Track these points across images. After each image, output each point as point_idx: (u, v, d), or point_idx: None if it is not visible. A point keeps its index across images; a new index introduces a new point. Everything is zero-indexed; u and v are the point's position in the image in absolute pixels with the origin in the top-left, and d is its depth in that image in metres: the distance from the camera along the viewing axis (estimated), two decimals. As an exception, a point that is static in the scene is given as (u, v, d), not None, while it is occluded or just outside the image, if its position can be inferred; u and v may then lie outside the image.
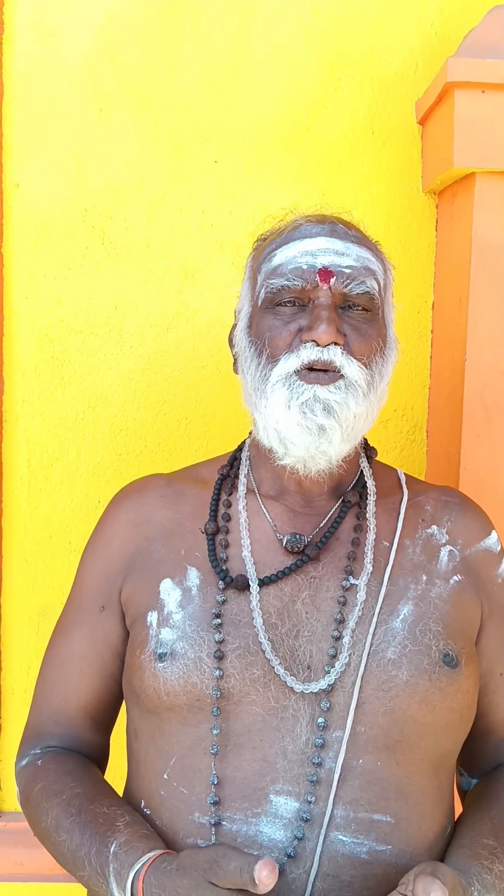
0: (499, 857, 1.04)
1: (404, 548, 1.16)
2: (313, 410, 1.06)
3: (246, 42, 1.62)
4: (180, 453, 1.67)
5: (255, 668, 1.06)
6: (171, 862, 0.97)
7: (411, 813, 1.06)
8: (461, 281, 1.52)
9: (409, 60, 1.62)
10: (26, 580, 1.69)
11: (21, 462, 1.67)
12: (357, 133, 1.64)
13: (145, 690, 1.09)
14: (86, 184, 1.63)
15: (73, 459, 1.68)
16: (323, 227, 1.12)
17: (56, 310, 1.65)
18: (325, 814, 1.02)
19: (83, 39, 1.61)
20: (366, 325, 1.10)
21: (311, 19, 1.62)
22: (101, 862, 1.01)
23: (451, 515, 1.21)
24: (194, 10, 1.61)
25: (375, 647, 1.08)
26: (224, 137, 1.63)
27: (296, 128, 1.63)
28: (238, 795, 1.04)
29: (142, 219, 1.64)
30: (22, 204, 1.63)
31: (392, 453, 1.69)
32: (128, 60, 1.62)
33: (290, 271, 1.09)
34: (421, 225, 1.66)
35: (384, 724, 1.05)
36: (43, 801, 1.11)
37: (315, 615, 1.10)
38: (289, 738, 1.05)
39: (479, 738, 1.20)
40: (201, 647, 1.07)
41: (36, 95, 1.62)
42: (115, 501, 1.25)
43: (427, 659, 1.07)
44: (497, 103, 1.43)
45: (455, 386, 1.54)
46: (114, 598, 1.18)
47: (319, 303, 1.08)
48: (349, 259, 1.09)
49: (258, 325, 1.12)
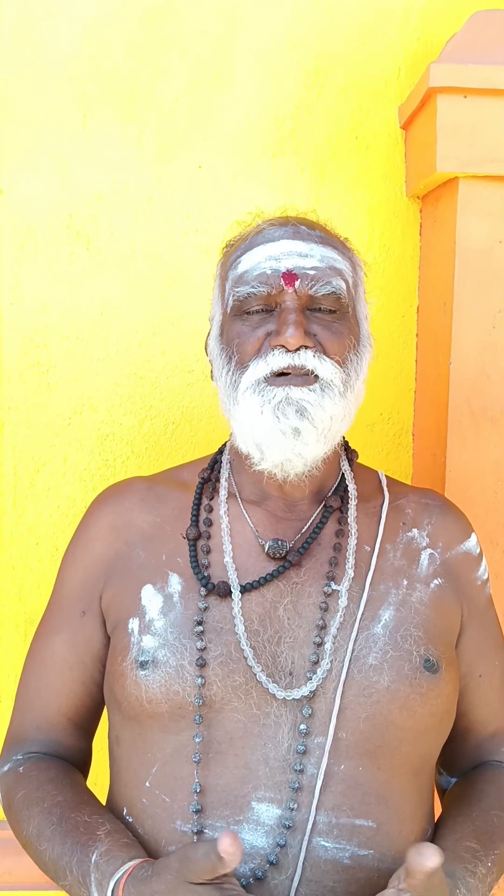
0: (481, 860, 1.05)
1: (385, 552, 1.16)
2: (286, 413, 1.05)
3: (230, 48, 1.63)
4: (167, 458, 1.67)
5: (237, 675, 1.06)
6: (148, 869, 0.96)
7: (392, 817, 1.06)
8: (445, 284, 1.52)
9: (391, 66, 1.63)
10: (13, 587, 1.68)
11: (7, 468, 1.67)
12: (341, 138, 1.64)
13: (127, 698, 1.08)
14: (71, 189, 1.63)
15: (60, 465, 1.68)
16: (285, 230, 1.11)
17: (41, 315, 1.65)
18: (308, 820, 1.02)
19: (67, 45, 1.61)
20: (336, 324, 1.10)
21: (294, 25, 1.62)
22: (82, 871, 1.01)
23: (431, 518, 1.21)
24: (179, 15, 1.62)
25: (357, 652, 1.07)
26: (209, 143, 1.63)
27: (280, 133, 1.64)
28: (220, 803, 1.04)
29: (127, 224, 1.64)
30: (7, 210, 1.63)
31: (378, 457, 1.69)
32: (112, 66, 1.62)
33: (254, 278, 1.09)
34: (405, 229, 1.67)
35: (365, 729, 1.05)
36: (24, 809, 1.11)
37: (297, 621, 1.09)
38: (271, 745, 1.04)
39: (458, 739, 1.21)
40: (183, 655, 1.07)
41: (20, 101, 1.62)
42: (94, 505, 1.24)
43: (408, 665, 1.07)
44: (479, 108, 1.44)
45: (440, 389, 1.54)
46: (94, 602, 1.18)
47: (286, 307, 1.07)
48: (313, 260, 1.09)
49: (228, 332, 1.12)
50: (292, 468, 1.09)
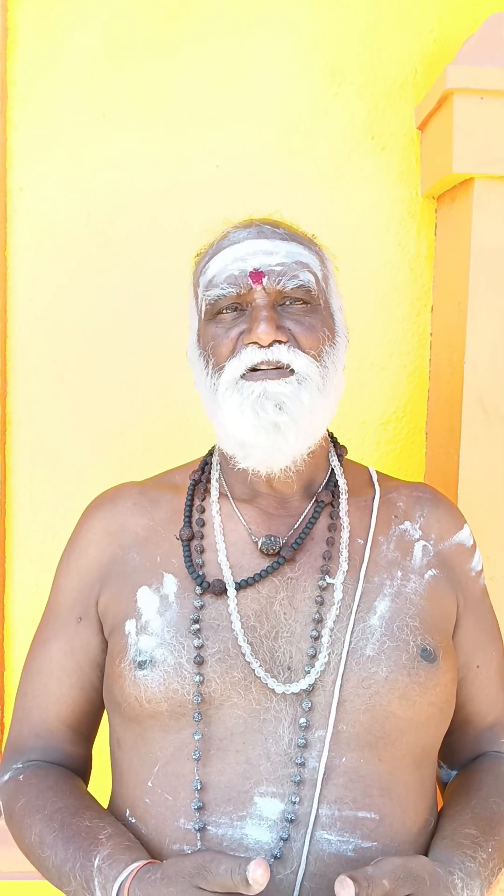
0: (481, 845, 1.05)
1: (378, 545, 1.16)
2: (265, 409, 1.06)
3: (248, 48, 1.64)
4: (181, 455, 1.68)
5: (236, 671, 1.06)
6: (155, 871, 0.96)
7: (395, 808, 1.06)
8: (460, 284, 1.53)
9: (408, 67, 1.64)
10: (30, 581, 1.70)
11: (24, 464, 1.68)
12: (357, 138, 1.65)
13: (126, 699, 1.08)
14: (88, 188, 1.65)
15: (76, 462, 1.69)
16: (249, 231, 1.13)
17: (58, 313, 1.67)
18: (311, 814, 1.02)
19: (86, 45, 1.63)
20: (308, 318, 1.10)
21: (311, 26, 1.63)
22: (85, 876, 1.00)
23: (423, 511, 1.22)
24: (197, 16, 1.63)
25: (354, 644, 1.08)
26: (225, 142, 1.65)
27: (296, 133, 1.65)
28: (222, 799, 1.04)
29: (144, 223, 1.65)
30: (25, 208, 1.65)
31: (391, 455, 1.70)
32: (130, 66, 1.63)
33: (223, 280, 1.10)
34: (420, 229, 1.68)
35: (365, 721, 1.05)
36: (26, 818, 1.10)
37: (293, 616, 1.10)
38: (271, 740, 1.04)
39: (457, 730, 1.21)
40: (181, 653, 1.07)
41: (39, 100, 1.63)
42: (88, 511, 1.25)
43: (405, 654, 1.07)
44: (495, 109, 1.45)
45: (454, 388, 1.55)
46: (91, 608, 1.18)
47: (256, 304, 1.08)
48: (279, 256, 1.10)
49: (204, 336, 1.13)
50: (275, 463, 1.09)
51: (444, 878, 0.98)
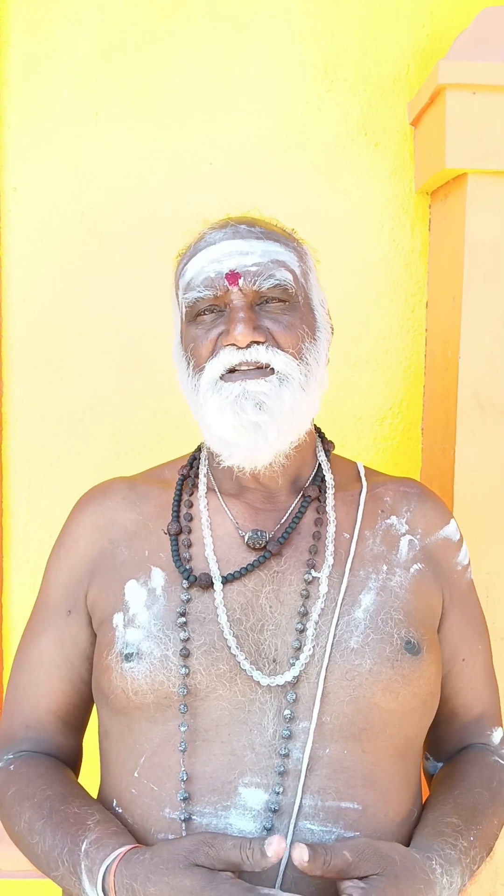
0: (463, 834, 1.06)
1: (364, 539, 1.17)
2: (244, 409, 1.07)
3: (241, 45, 1.64)
4: (179, 452, 1.68)
5: (221, 663, 1.07)
6: (143, 853, 0.98)
7: (378, 799, 1.07)
8: (454, 280, 1.53)
9: (401, 62, 1.64)
10: (27, 579, 1.70)
11: (21, 462, 1.69)
12: (350, 134, 1.66)
13: (113, 691, 1.10)
14: (83, 186, 1.65)
15: (73, 460, 1.69)
16: (225, 231, 1.14)
17: (55, 311, 1.67)
18: (294, 804, 1.03)
19: (80, 44, 1.63)
20: (287, 316, 1.11)
21: (304, 22, 1.64)
22: (73, 861, 1.02)
23: (410, 505, 1.22)
24: (190, 13, 1.63)
25: (338, 637, 1.09)
26: (219, 139, 1.65)
27: (290, 129, 1.65)
28: (207, 790, 1.05)
29: (139, 220, 1.66)
30: (20, 206, 1.65)
31: (387, 451, 1.70)
32: (124, 64, 1.63)
33: (201, 282, 1.11)
34: (414, 225, 1.68)
35: (349, 712, 1.06)
36: (16, 805, 1.12)
37: (279, 609, 1.11)
38: (256, 731, 1.06)
39: (443, 723, 1.22)
40: (167, 646, 1.08)
41: (33, 99, 1.64)
42: (77, 506, 1.26)
43: (389, 647, 1.08)
44: (488, 104, 1.45)
45: (449, 383, 1.55)
46: (80, 601, 1.19)
47: (233, 306, 1.09)
48: (254, 256, 1.10)
49: (185, 338, 1.14)
50: (258, 461, 1.11)
51: (420, 863, 0.99)
